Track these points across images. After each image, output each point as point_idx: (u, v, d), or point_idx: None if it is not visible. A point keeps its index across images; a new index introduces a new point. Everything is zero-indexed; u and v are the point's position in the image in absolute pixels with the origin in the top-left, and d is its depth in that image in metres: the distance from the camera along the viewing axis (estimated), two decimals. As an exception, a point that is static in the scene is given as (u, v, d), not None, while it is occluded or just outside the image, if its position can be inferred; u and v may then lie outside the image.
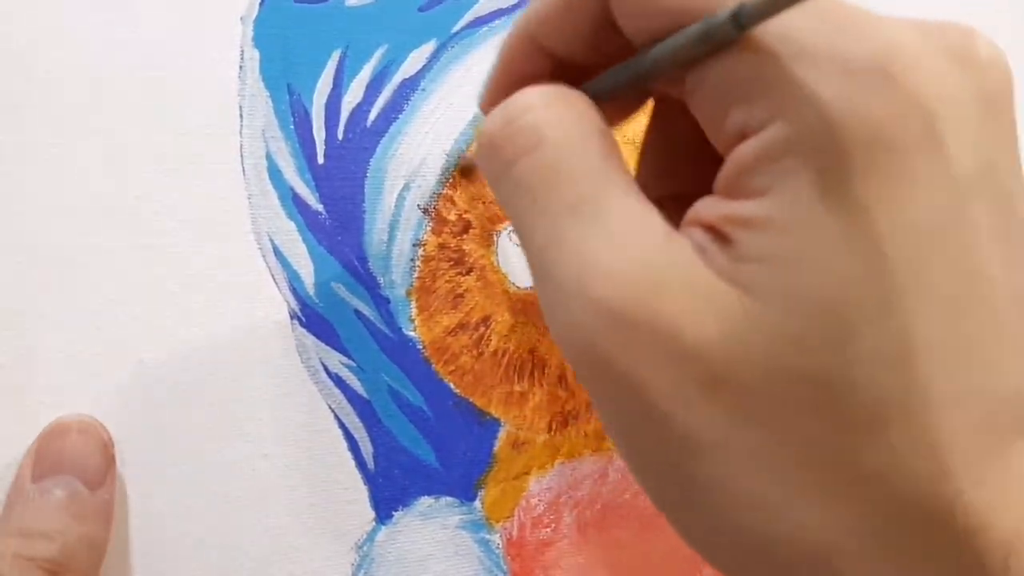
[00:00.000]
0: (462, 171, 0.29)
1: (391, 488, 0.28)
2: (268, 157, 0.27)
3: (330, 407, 0.28)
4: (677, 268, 0.16)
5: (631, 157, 0.27)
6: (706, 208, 0.16)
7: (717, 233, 0.16)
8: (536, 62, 0.20)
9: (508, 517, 0.29)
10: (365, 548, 0.28)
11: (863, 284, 0.14)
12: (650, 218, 0.17)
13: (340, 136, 0.28)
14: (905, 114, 0.14)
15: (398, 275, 0.29)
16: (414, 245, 0.29)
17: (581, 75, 0.19)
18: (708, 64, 0.16)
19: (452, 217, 0.29)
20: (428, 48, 0.29)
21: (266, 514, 0.27)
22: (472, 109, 0.29)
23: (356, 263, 0.28)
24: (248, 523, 0.27)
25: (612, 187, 0.17)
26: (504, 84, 0.20)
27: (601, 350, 0.16)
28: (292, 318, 0.27)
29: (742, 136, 0.16)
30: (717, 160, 0.17)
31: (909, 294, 0.14)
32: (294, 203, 0.28)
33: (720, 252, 0.16)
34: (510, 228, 0.30)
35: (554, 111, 0.18)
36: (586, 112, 0.18)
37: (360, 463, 0.28)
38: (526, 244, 0.18)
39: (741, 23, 0.15)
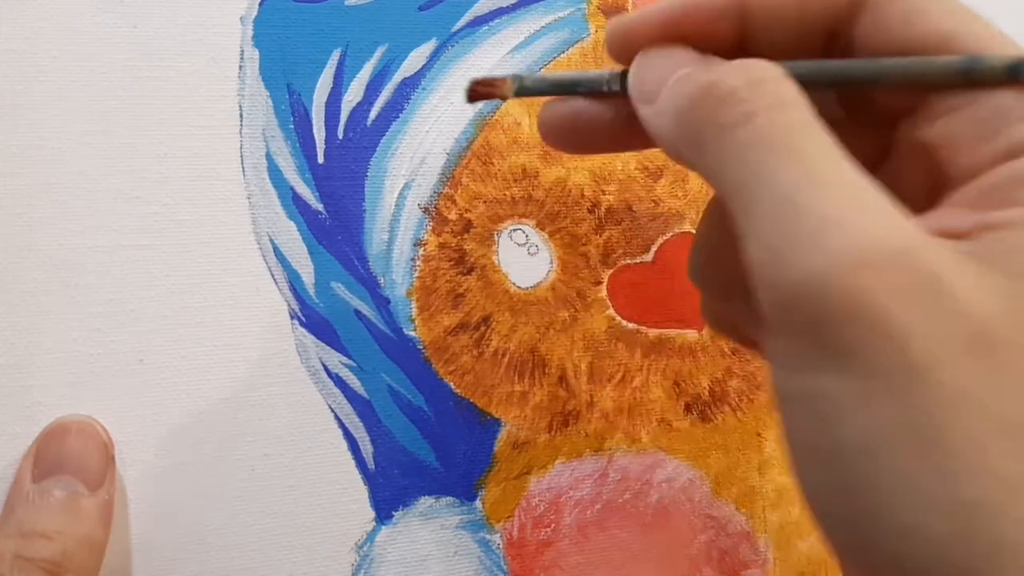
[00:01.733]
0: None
1: (391, 488, 0.28)
2: (268, 157, 0.27)
3: (330, 407, 0.28)
4: (937, 240, 0.17)
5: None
6: (948, 218, 0.18)
7: (956, 236, 0.17)
8: (723, 26, 0.20)
9: (508, 517, 0.29)
10: (365, 548, 0.28)
11: None
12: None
13: (340, 135, 0.28)
14: None
15: (398, 275, 0.28)
16: (414, 245, 0.29)
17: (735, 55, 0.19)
18: (980, 91, 0.18)
19: (453, 216, 0.29)
20: (428, 47, 0.29)
21: (266, 514, 0.27)
22: (472, 108, 0.29)
23: (356, 263, 0.28)
24: (248, 523, 0.27)
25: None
26: (674, 27, 0.20)
27: (862, 285, 0.15)
28: (292, 318, 0.27)
29: (1014, 153, 0.18)
30: None
31: None
32: (294, 203, 0.28)
33: (965, 245, 0.17)
34: (511, 227, 0.30)
35: (790, 84, 0.18)
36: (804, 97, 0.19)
37: (360, 463, 0.28)
38: (766, 186, 0.17)
39: (1018, 75, 0.18)
